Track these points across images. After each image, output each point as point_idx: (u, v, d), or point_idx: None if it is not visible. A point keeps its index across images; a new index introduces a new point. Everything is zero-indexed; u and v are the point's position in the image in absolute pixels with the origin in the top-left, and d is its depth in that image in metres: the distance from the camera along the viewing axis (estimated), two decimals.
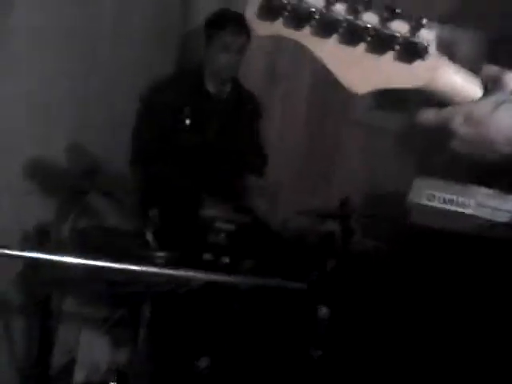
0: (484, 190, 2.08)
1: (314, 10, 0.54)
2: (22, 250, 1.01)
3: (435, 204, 2.06)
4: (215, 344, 1.81)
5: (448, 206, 2.04)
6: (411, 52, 0.58)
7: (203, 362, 1.94)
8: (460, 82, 0.62)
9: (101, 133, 2.24)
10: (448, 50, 0.62)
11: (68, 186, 1.77)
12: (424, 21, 0.56)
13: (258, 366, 1.85)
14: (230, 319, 1.71)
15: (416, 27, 0.57)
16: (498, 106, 0.60)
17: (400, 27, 0.57)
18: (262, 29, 0.57)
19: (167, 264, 1.67)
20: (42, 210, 1.94)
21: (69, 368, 2.18)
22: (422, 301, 1.95)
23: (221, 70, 2.30)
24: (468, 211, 2.02)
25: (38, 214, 1.88)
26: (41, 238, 1.72)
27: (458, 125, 0.62)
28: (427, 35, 0.58)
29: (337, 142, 2.85)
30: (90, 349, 2.28)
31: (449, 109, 0.62)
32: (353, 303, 1.66)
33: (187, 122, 2.12)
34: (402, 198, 2.13)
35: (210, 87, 2.38)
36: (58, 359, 2.00)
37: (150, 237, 2.30)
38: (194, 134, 2.26)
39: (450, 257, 2.02)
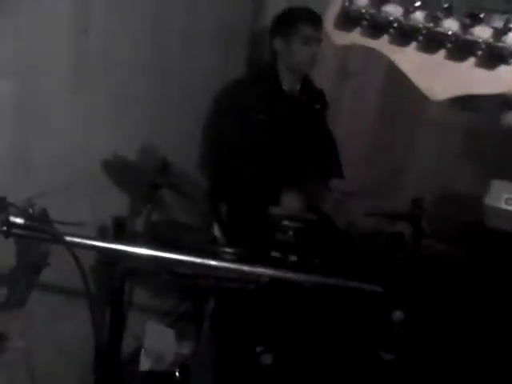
0: None
1: (392, 18, 0.54)
2: (102, 240, 1.04)
3: None
4: (280, 341, 1.81)
5: None
6: (494, 57, 0.55)
7: (267, 359, 1.95)
8: None
9: (174, 132, 2.30)
10: None
11: (142, 181, 1.83)
12: (511, 24, 0.53)
13: (324, 365, 1.84)
14: (298, 317, 1.71)
15: (502, 31, 0.54)
16: None
17: (483, 32, 0.54)
18: (340, 38, 0.58)
19: (235, 260, 1.70)
20: (118, 205, 2.02)
21: (135, 356, 2.26)
22: (495, 305, 1.86)
23: (301, 64, 2.33)
24: None
25: (113, 208, 1.96)
26: (116, 232, 1.79)
27: None
28: None
29: (409, 140, 2.78)
30: (156, 339, 2.34)
31: None
32: (425, 307, 1.61)
33: (262, 119, 2.15)
34: (477, 200, 2.04)
35: (285, 85, 2.39)
36: (125, 347, 2.07)
37: (217, 232, 2.35)
38: (269, 132, 2.28)
39: None
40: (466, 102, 2.57)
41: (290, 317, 1.70)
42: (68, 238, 0.92)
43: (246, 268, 1.34)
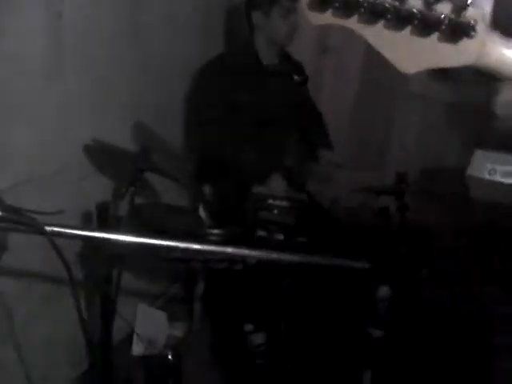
0: None
1: None
2: (83, 229, 1.02)
3: (496, 178, 1.97)
4: (271, 321, 1.83)
5: (510, 180, 1.96)
6: (456, 32, 0.58)
7: (259, 338, 1.97)
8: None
9: (155, 115, 2.27)
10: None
11: (125, 166, 1.81)
12: (470, 0, 0.57)
13: (315, 343, 1.86)
14: (286, 295, 1.72)
15: (462, 7, 0.57)
16: None
17: (445, 8, 0.57)
18: (314, 19, 0.60)
19: (221, 241, 1.69)
20: (100, 189, 2.00)
21: (127, 341, 2.27)
22: (483, 279, 1.89)
23: (282, 36, 2.31)
24: None
25: (97, 195, 1.94)
26: (100, 218, 1.77)
27: (502, 104, 0.64)
28: (474, 14, 0.58)
29: (391, 114, 2.78)
30: (147, 323, 2.35)
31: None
32: (410, 282, 1.63)
33: (242, 94, 2.12)
34: (460, 172, 2.06)
35: (264, 59, 2.37)
36: (116, 333, 2.07)
37: (203, 213, 2.34)
38: (251, 107, 2.26)
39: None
40: (447, 73, 2.57)
41: (280, 295, 1.72)
42: (48, 228, 0.91)
43: (231, 250, 1.34)
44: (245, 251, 1.28)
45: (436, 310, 1.89)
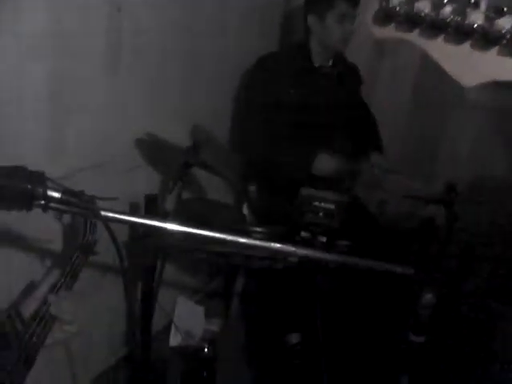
0: None
1: (423, 14, 0.63)
2: (134, 215, 1.05)
3: None
4: (308, 321, 1.82)
5: None
6: None
7: (294, 338, 1.97)
8: None
9: (206, 112, 2.31)
10: None
11: (174, 160, 1.85)
12: None
13: (352, 347, 1.84)
14: (324, 296, 1.71)
15: None
16: None
17: (505, 24, 0.62)
18: (378, 32, 0.63)
19: (264, 239, 1.70)
20: (150, 183, 2.06)
21: (165, 332, 2.32)
22: None
23: (335, 41, 2.29)
24: None
25: (145, 186, 1.99)
26: (148, 209, 1.82)
27: None
28: None
29: (444, 122, 2.72)
30: (185, 315, 2.39)
31: None
32: (454, 290, 1.60)
33: (292, 94, 2.13)
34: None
35: (316, 62, 2.37)
36: (157, 322, 2.12)
37: (246, 211, 2.36)
38: (300, 108, 2.26)
39: None
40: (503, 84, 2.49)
41: (318, 297, 1.71)
42: (103, 213, 0.94)
43: (275, 246, 1.35)
44: (289, 248, 1.28)
45: (472, 323, 1.85)
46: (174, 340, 2.32)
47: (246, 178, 2.44)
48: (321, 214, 1.67)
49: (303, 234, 1.70)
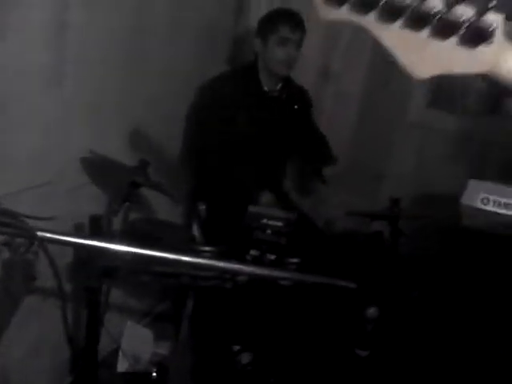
0: None
1: None
2: (73, 236, 1.02)
3: (489, 208, 1.98)
4: (258, 340, 1.81)
5: (503, 211, 1.97)
6: (476, 36, 0.56)
7: (245, 358, 1.94)
8: None
9: (153, 130, 2.28)
10: None
11: (121, 180, 1.81)
12: (491, 4, 0.54)
13: (302, 363, 1.84)
14: (275, 316, 1.71)
15: (483, 11, 0.55)
16: None
17: (466, 12, 0.55)
18: (328, 13, 0.57)
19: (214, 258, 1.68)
20: (95, 202, 2.00)
21: (112, 357, 2.24)
22: (470, 304, 1.89)
23: (277, 64, 2.32)
24: None
25: (90, 205, 1.93)
26: (93, 229, 1.76)
27: None
28: (494, 19, 0.56)
29: (389, 142, 2.81)
30: (133, 340, 2.32)
31: None
32: (401, 304, 1.63)
33: (241, 116, 2.15)
34: (455, 200, 2.07)
35: (265, 85, 2.39)
36: (102, 348, 2.05)
37: (196, 231, 2.33)
38: (249, 131, 2.28)
39: (502, 262, 1.95)
40: (446, 102, 2.61)
41: (268, 315, 1.70)
42: (39, 234, 0.91)
43: (224, 265, 1.34)
44: (237, 267, 1.28)
45: (426, 332, 1.89)
46: (122, 365, 2.25)
47: (196, 196, 2.42)
48: (269, 231, 1.68)
49: (252, 251, 1.71)
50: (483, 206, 2.02)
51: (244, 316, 1.99)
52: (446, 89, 2.72)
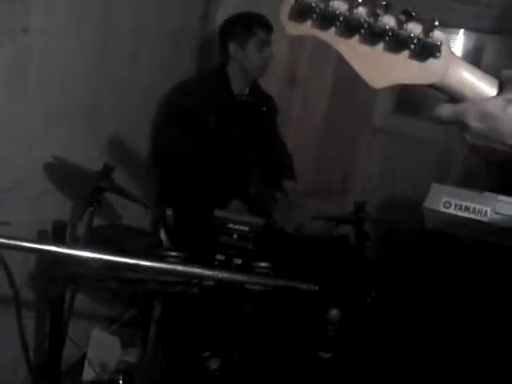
0: (501, 198, 2.05)
1: (338, 12, 0.61)
2: (31, 241, 1.00)
3: (451, 211, 2.03)
4: (226, 345, 1.81)
5: (464, 214, 2.02)
6: (424, 51, 0.63)
7: (214, 363, 1.93)
8: (473, 81, 0.67)
9: (119, 134, 2.26)
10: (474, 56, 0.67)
11: (85, 185, 1.79)
12: (436, 22, 0.61)
13: (269, 367, 1.84)
14: (241, 320, 1.71)
15: (429, 28, 0.62)
16: (508, 103, 0.64)
17: (415, 28, 0.62)
18: (293, 29, 0.63)
19: (180, 263, 1.67)
20: (59, 207, 1.97)
21: (79, 366, 2.20)
22: (434, 306, 1.93)
23: (256, 68, 2.34)
24: (484, 219, 1.99)
25: (54, 211, 1.90)
26: (56, 236, 1.73)
27: (472, 119, 0.66)
28: (440, 36, 0.63)
29: (355, 147, 2.85)
30: (100, 348, 2.28)
31: (464, 104, 0.67)
32: (363, 307, 1.66)
33: (210, 120, 2.15)
34: (418, 204, 2.12)
35: (234, 88, 2.40)
36: (68, 356, 2.01)
37: (164, 236, 2.32)
38: (217, 134, 2.28)
39: (463, 264, 2.00)
40: (411, 108, 2.67)
41: (234, 321, 1.70)
42: None
43: (190, 270, 1.34)
44: (203, 271, 1.28)
45: (385, 333, 1.92)
46: (88, 374, 2.21)
47: (163, 201, 2.40)
48: (235, 236, 1.68)
49: (218, 256, 1.70)
50: (445, 210, 2.07)
51: (212, 321, 1.98)
52: (410, 94, 2.78)
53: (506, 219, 2.01)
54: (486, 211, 2.09)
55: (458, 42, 2.83)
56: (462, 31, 2.80)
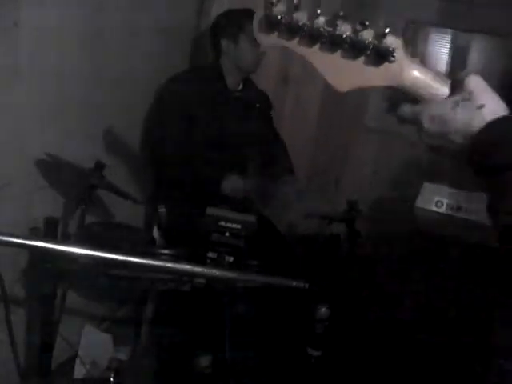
0: None
1: (301, 24, 0.66)
2: (21, 237, 1.00)
3: (443, 210, 2.05)
4: (217, 343, 1.81)
5: (455, 213, 2.03)
6: (378, 56, 0.68)
7: (204, 361, 1.94)
8: (427, 82, 0.71)
9: (112, 130, 2.25)
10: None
11: (77, 182, 1.78)
12: (387, 30, 0.66)
13: (259, 364, 1.85)
14: (232, 318, 1.71)
15: (382, 35, 0.67)
16: (456, 104, 0.69)
17: (369, 36, 0.67)
18: (264, 40, 0.69)
19: (172, 261, 1.67)
20: (51, 205, 1.96)
21: (70, 363, 2.19)
22: (425, 306, 1.94)
23: (249, 63, 2.35)
24: (474, 218, 2.01)
25: (46, 209, 1.89)
26: (48, 232, 1.73)
27: (424, 120, 0.71)
28: (393, 41, 0.67)
29: (347, 146, 2.86)
30: (92, 345, 2.28)
31: (419, 105, 0.72)
32: (354, 305, 1.67)
33: (204, 116, 2.15)
34: (410, 203, 2.13)
35: (228, 84, 2.40)
36: (59, 354, 2.00)
37: (156, 234, 2.31)
38: (211, 130, 2.28)
39: (454, 263, 2.01)
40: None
41: (225, 318, 1.70)
42: None
43: (181, 267, 1.34)
44: (195, 269, 1.28)
45: (378, 332, 1.93)
46: (79, 372, 2.21)
47: (156, 198, 2.40)
48: (227, 233, 1.68)
49: (210, 254, 1.70)
50: (437, 209, 2.09)
51: (203, 318, 1.98)
52: (403, 95, 2.79)
53: None
54: (478, 211, 2.11)
55: (445, 41, 2.87)
56: (449, 30, 2.83)
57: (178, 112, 2.26)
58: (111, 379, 1.92)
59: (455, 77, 0.71)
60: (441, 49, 2.89)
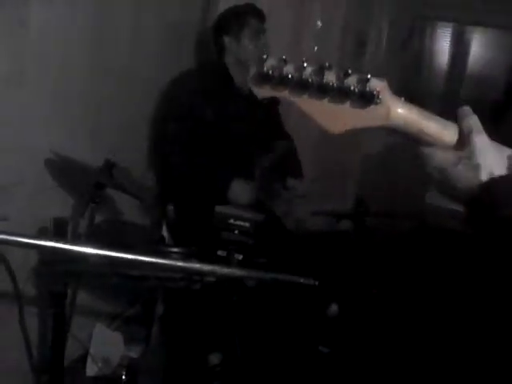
0: None
1: (290, 76, 0.71)
2: (31, 237, 1.00)
3: (454, 207, 2.02)
4: (227, 340, 1.81)
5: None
6: (364, 99, 0.71)
7: (215, 359, 1.94)
8: (414, 118, 0.74)
9: (120, 128, 2.26)
10: None
11: (86, 181, 1.79)
12: (369, 75, 0.70)
13: (270, 362, 1.84)
14: (242, 316, 1.71)
15: (365, 80, 0.70)
16: (460, 160, 0.72)
17: (353, 80, 0.71)
18: (259, 92, 0.74)
19: (182, 259, 1.67)
20: (60, 204, 1.97)
21: (82, 361, 2.21)
22: (434, 301, 1.93)
23: (253, 57, 2.33)
24: None
25: (55, 208, 1.90)
26: (57, 232, 1.73)
27: (427, 167, 0.75)
28: (376, 84, 0.70)
29: (356, 142, 2.84)
30: (103, 343, 2.29)
31: (421, 149, 0.75)
32: (364, 302, 1.66)
33: (211, 113, 2.15)
34: (420, 199, 2.11)
35: (235, 80, 2.39)
36: (71, 352, 2.01)
37: (165, 232, 2.31)
38: (219, 128, 2.27)
39: (465, 259, 1.99)
40: None
41: (235, 316, 1.70)
42: None
43: (191, 265, 1.33)
44: (204, 267, 1.28)
45: (385, 328, 1.92)
46: (91, 369, 2.22)
47: (164, 197, 2.40)
48: (236, 231, 1.68)
49: (219, 252, 1.70)
50: (447, 205, 2.05)
51: (213, 316, 1.98)
52: (410, 91, 2.77)
53: None
54: None
55: (446, 35, 2.87)
56: (450, 24, 2.82)
57: (186, 111, 2.25)
58: (123, 377, 1.93)
59: (463, 126, 0.73)
60: (443, 43, 2.90)
